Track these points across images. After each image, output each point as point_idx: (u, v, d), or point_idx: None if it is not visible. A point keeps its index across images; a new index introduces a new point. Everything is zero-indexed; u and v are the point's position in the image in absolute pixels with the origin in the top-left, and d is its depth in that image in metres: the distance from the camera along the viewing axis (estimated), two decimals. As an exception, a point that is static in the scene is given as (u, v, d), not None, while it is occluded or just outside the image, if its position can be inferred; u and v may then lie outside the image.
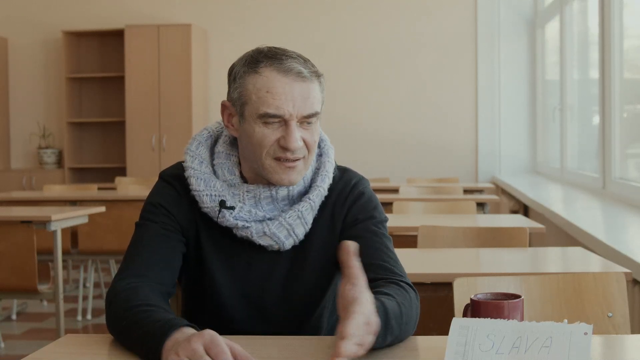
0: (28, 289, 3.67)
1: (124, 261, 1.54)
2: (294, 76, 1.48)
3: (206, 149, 1.62)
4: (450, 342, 1.18)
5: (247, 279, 1.59)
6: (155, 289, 1.47)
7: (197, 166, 1.58)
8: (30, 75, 8.16)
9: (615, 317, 1.77)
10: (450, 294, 1.73)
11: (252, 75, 1.50)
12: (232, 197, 1.55)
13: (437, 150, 7.58)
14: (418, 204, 3.97)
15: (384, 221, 1.63)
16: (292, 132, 1.48)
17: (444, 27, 7.56)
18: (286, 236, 1.56)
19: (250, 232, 1.55)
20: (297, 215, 1.55)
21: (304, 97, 1.49)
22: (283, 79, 1.48)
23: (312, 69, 1.52)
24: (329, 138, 1.69)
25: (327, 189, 1.60)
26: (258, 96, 1.48)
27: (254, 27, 7.70)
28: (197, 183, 1.56)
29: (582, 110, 5.68)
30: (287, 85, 1.48)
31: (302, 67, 1.50)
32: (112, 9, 7.92)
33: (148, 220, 1.57)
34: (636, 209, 3.66)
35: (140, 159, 7.59)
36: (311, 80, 1.50)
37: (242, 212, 1.54)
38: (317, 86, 1.52)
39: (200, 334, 1.22)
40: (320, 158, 1.64)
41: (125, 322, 1.35)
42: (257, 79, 1.49)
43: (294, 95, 1.48)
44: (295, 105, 1.48)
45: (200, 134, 1.65)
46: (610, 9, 4.20)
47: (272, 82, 1.48)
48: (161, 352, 1.24)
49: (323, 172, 1.61)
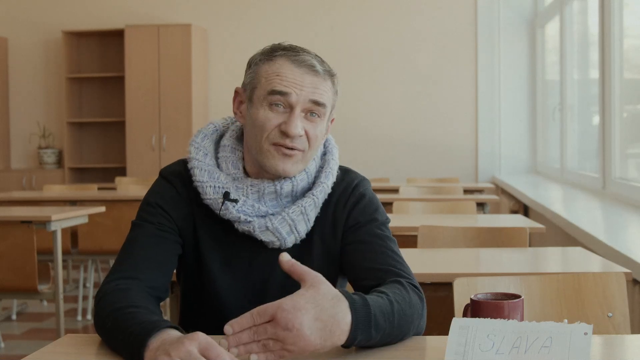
0: (28, 289, 3.67)
1: (116, 261, 1.52)
2: (306, 68, 1.51)
3: (211, 142, 1.62)
4: (450, 342, 1.18)
5: (247, 277, 1.59)
6: (145, 291, 1.45)
7: (202, 158, 1.58)
8: (30, 75, 8.16)
9: (615, 317, 1.77)
10: (450, 294, 1.73)
11: (266, 63, 1.53)
12: (235, 191, 1.55)
13: (437, 150, 7.58)
14: (418, 204, 3.97)
15: (386, 222, 1.63)
16: (294, 118, 1.49)
17: (444, 27, 7.56)
18: (288, 232, 1.55)
19: (253, 226, 1.54)
20: (301, 211, 1.55)
21: (313, 86, 1.51)
22: (295, 68, 1.50)
23: (326, 67, 1.54)
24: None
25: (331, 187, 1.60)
26: (268, 79, 1.51)
27: (254, 27, 7.70)
28: (201, 174, 1.56)
29: (582, 110, 5.68)
30: (297, 74, 1.50)
31: (317, 63, 1.52)
32: (112, 9, 7.93)
33: (144, 220, 1.56)
34: (636, 209, 3.66)
35: (140, 159, 7.59)
36: (323, 77, 1.52)
37: (245, 206, 1.54)
38: (329, 85, 1.54)
39: (192, 337, 1.19)
40: (325, 156, 1.64)
41: (110, 323, 1.34)
42: (270, 66, 1.52)
43: (303, 83, 1.50)
44: (304, 90, 1.50)
45: (207, 127, 1.66)
46: (610, 9, 4.20)
47: (284, 69, 1.51)
48: (144, 353, 1.22)
49: (327, 170, 1.61)
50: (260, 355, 1.20)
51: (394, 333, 1.34)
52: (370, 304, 1.29)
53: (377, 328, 1.28)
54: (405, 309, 1.37)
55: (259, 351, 1.20)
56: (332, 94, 1.55)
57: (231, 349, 1.19)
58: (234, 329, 1.20)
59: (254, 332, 1.20)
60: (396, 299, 1.37)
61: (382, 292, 1.38)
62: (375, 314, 1.29)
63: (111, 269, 1.52)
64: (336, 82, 1.57)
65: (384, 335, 1.31)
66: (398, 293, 1.40)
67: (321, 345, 1.22)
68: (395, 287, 1.43)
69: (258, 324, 1.20)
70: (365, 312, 1.27)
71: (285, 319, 1.19)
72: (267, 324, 1.20)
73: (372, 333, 1.28)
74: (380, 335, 1.30)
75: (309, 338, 1.20)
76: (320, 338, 1.21)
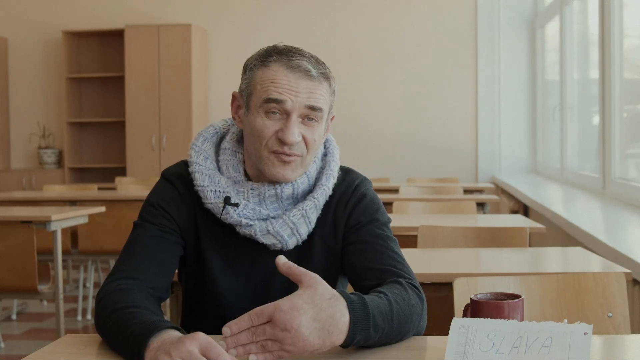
0: (28, 289, 3.67)
1: (117, 261, 1.53)
2: (301, 73, 1.49)
3: (212, 145, 1.62)
4: (450, 342, 1.18)
5: (249, 278, 1.59)
6: (146, 292, 1.46)
7: (202, 161, 1.58)
8: (30, 75, 8.16)
9: (615, 317, 1.77)
10: (450, 294, 1.73)
11: (261, 68, 1.51)
12: (236, 194, 1.55)
13: (437, 150, 7.59)
14: (418, 204, 3.97)
15: (387, 223, 1.62)
16: (291, 125, 1.48)
17: (444, 27, 7.56)
18: (289, 235, 1.55)
19: (254, 230, 1.54)
20: (302, 214, 1.55)
21: (308, 91, 1.49)
22: (289, 74, 1.49)
23: (321, 70, 1.52)
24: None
25: (332, 188, 1.60)
26: (263, 86, 1.50)
27: (254, 27, 7.70)
28: (202, 178, 1.56)
29: (582, 110, 5.68)
30: (292, 81, 1.49)
31: (311, 66, 1.50)
32: (112, 9, 7.93)
33: (146, 221, 1.56)
34: (636, 209, 3.66)
35: (140, 159, 7.59)
36: (319, 80, 1.51)
37: (246, 209, 1.54)
38: (326, 88, 1.53)
39: (193, 337, 1.19)
40: (325, 157, 1.63)
41: (111, 323, 1.34)
42: (265, 72, 1.51)
43: (298, 89, 1.49)
44: (299, 96, 1.48)
45: (207, 130, 1.65)
46: (610, 9, 4.20)
47: (278, 75, 1.49)
48: (144, 353, 1.22)
49: (328, 171, 1.60)
50: (259, 355, 1.20)
51: (393, 333, 1.34)
52: (368, 303, 1.29)
53: (375, 328, 1.28)
54: (404, 309, 1.37)
55: (257, 352, 1.20)
56: (329, 95, 1.54)
57: (230, 350, 1.20)
58: (232, 331, 1.20)
59: (252, 333, 1.20)
60: (395, 299, 1.37)
61: (381, 292, 1.38)
62: (374, 313, 1.28)
63: (112, 269, 1.52)
64: (332, 82, 1.55)
65: (382, 335, 1.31)
66: (397, 293, 1.40)
67: (320, 346, 1.22)
68: (394, 287, 1.43)
69: (256, 325, 1.20)
70: (364, 312, 1.27)
71: (283, 320, 1.19)
72: (265, 324, 1.20)
73: (370, 333, 1.28)
74: (379, 335, 1.30)
75: (307, 338, 1.20)
76: (319, 338, 1.21)
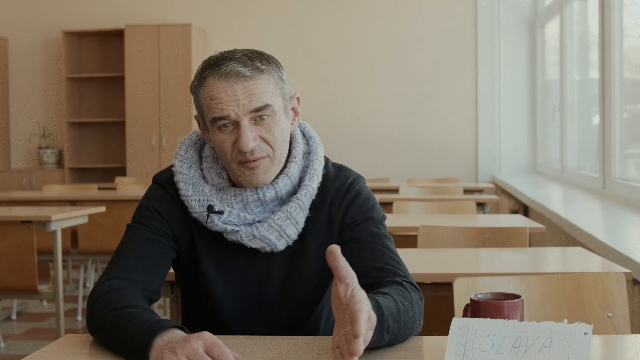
0: (28, 289, 3.67)
1: (110, 262, 1.53)
2: (234, 78, 1.48)
3: (195, 152, 1.62)
4: (450, 342, 1.18)
5: (243, 281, 1.59)
6: (139, 292, 1.46)
7: (186, 170, 1.58)
8: (30, 75, 8.16)
9: (615, 317, 1.77)
10: (450, 294, 1.73)
11: (201, 88, 1.52)
12: (220, 202, 1.55)
13: (437, 150, 7.58)
14: (418, 204, 3.97)
15: (382, 220, 1.62)
16: (242, 133, 1.47)
17: (443, 27, 7.56)
18: (277, 237, 1.55)
19: (240, 235, 1.54)
20: (286, 216, 1.54)
21: (248, 94, 1.47)
22: (223, 84, 1.48)
23: (255, 64, 1.49)
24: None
25: (318, 187, 1.58)
26: (207, 105, 1.50)
27: (254, 27, 7.70)
28: (186, 188, 1.56)
29: (582, 110, 5.68)
30: (227, 89, 1.47)
31: (242, 67, 1.48)
32: (112, 9, 7.92)
33: (140, 224, 1.57)
34: (636, 209, 3.66)
35: (140, 159, 7.59)
36: (254, 77, 1.48)
37: (231, 216, 1.54)
38: (265, 80, 1.50)
39: (199, 335, 1.21)
40: (309, 156, 1.62)
41: (110, 323, 1.34)
42: (203, 91, 1.51)
43: (236, 96, 1.47)
44: (240, 103, 1.47)
45: (189, 137, 1.65)
46: (610, 9, 4.20)
47: (214, 89, 1.48)
48: (149, 352, 1.23)
49: (311, 171, 1.58)
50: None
51: (400, 334, 1.34)
52: (382, 305, 1.29)
53: (388, 330, 1.28)
54: (409, 310, 1.38)
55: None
56: (274, 85, 1.51)
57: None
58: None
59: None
60: (401, 300, 1.37)
61: (387, 294, 1.37)
62: (387, 315, 1.28)
63: (104, 270, 1.52)
64: (274, 69, 1.52)
65: (391, 337, 1.31)
66: (401, 294, 1.40)
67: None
68: (396, 287, 1.43)
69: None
70: (379, 313, 1.26)
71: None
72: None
73: (384, 335, 1.28)
74: (389, 337, 1.30)
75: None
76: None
